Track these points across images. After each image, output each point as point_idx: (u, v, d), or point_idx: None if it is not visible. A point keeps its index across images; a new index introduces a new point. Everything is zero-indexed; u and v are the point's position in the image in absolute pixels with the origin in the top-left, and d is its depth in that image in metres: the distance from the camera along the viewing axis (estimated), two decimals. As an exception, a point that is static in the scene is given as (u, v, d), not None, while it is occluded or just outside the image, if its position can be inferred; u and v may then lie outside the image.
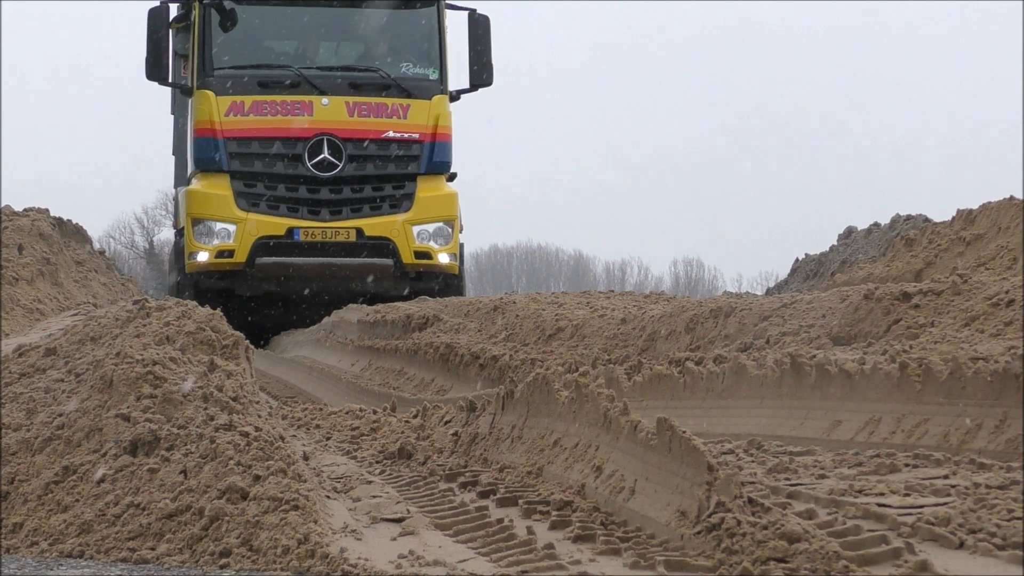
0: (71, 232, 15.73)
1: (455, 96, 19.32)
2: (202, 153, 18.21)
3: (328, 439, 5.75)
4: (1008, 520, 3.01)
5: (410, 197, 18.36)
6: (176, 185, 22.56)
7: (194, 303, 5.10)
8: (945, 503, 3.29)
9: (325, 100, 18.81)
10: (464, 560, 3.15)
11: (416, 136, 18.79)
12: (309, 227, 17.79)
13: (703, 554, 2.88)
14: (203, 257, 17.62)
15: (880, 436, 4.40)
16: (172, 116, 23.67)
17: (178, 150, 22.47)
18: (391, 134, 18.73)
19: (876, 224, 15.22)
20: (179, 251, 18.61)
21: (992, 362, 4.25)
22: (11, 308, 12.22)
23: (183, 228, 18.58)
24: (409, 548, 3.24)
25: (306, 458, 4.40)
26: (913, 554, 2.78)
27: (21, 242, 13.81)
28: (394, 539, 3.42)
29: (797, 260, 17.03)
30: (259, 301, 18.35)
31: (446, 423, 5.50)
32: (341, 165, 18.11)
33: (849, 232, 16.02)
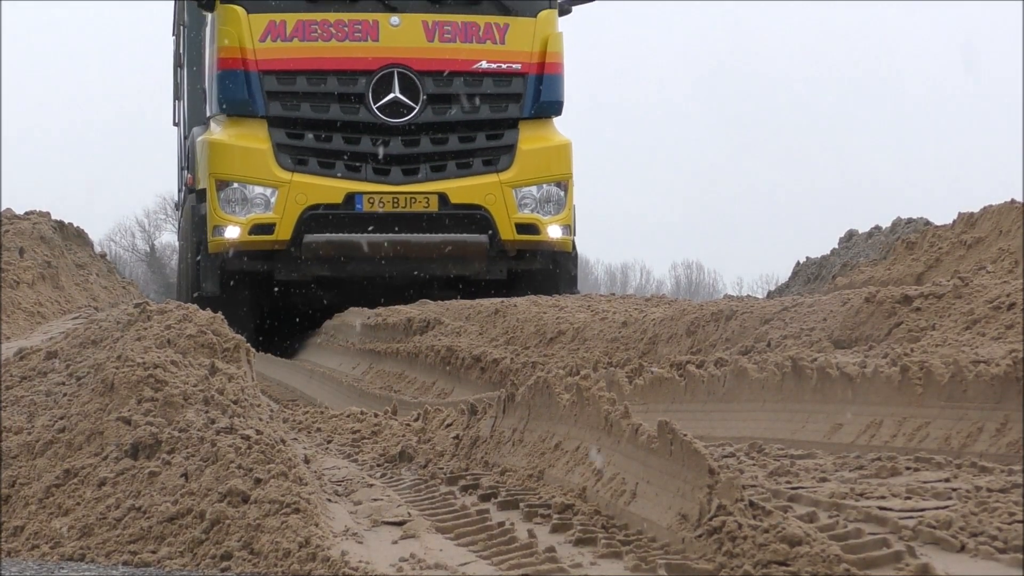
0: (72, 235, 15.72)
1: (565, 8, 14.78)
2: (229, 92, 13.81)
3: (329, 442, 5.74)
4: (1009, 523, 3.01)
5: (510, 150, 14.06)
6: (187, 124, 17.10)
7: (194, 306, 5.03)
8: (946, 506, 3.29)
9: (395, 19, 14.09)
10: (465, 563, 3.15)
11: (517, 67, 14.30)
12: (375, 193, 13.62)
13: (704, 557, 2.88)
14: (233, 233, 13.52)
15: (881, 439, 4.39)
16: (173, 37, 19.10)
17: (189, 77, 17.20)
18: (484, 65, 14.20)
19: (877, 227, 15.22)
20: (198, 221, 14.08)
21: (993, 365, 4.24)
22: (12, 311, 12.21)
23: (203, 190, 13.98)
24: (410, 551, 3.24)
25: (307, 461, 4.40)
26: (914, 557, 2.78)
27: (22, 245, 13.81)
28: (395, 542, 3.42)
29: (798, 263, 17.03)
30: (305, 289, 14.34)
31: (447, 426, 5.50)
32: (417, 108, 13.82)
33: (850, 235, 16.02)
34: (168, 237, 53.33)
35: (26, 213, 15.14)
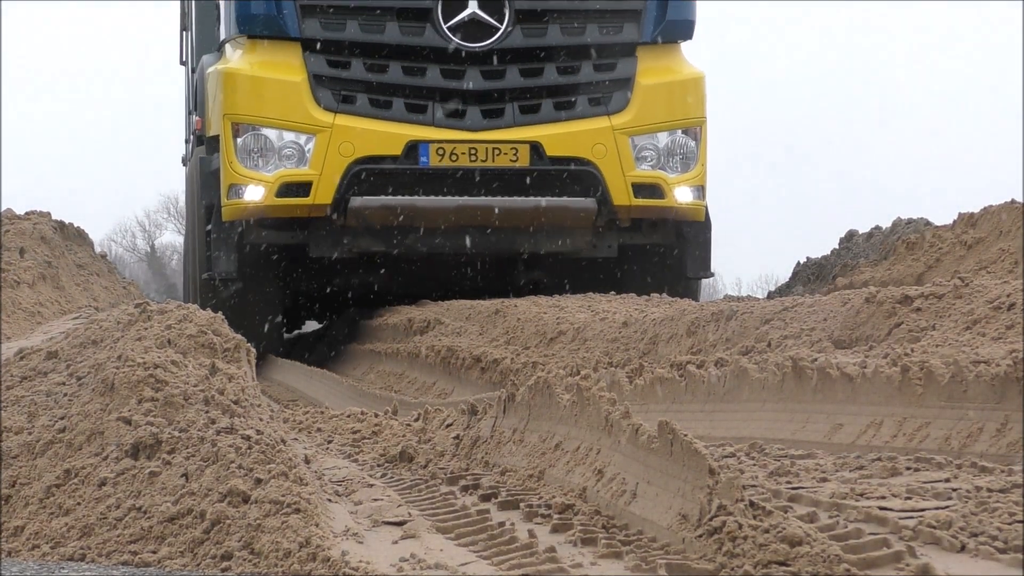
0: (72, 235, 15.72)
1: None
2: (250, 5, 10.72)
3: (329, 442, 5.74)
4: (1009, 523, 3.01)
5: (625, 86, 10.92)
6: (195, 57, 13.16)
7: (194, 306, 4.99)
8: (946, 506, 3.29)
9: None
10: (465, 563, 3.15)
11: None
12: (446, 142, 10.57)
13: (704, 557, 2.88)
14: (255, 194, 10.54)
15: (881, 439, 4.40)
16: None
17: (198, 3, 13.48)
18: None
19: (877, 228, 15.21)
20: (208, 178, 11.07)
21: (993, 365, 4.25)
22: (12, 311, 12.21)
23: (214, 137, 11.01)
24: (410, 551, 3.24)
25: (307, 461, 4.40)
26: (914, 557, 2.78)
27: (22, 245, 13.81)
28: (395, 542, 3.42)
29: (798, 264, 17.02)
30: (349, 270, 11.61)
31: (447, 426, 5.50)
32: (502, 29, 10.66)
33: (850, 236, 16.00)
34: (169, 237, 53.31)
35: (26, 213, 15.14)
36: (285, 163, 10.74)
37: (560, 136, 10.92)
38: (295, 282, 12.05)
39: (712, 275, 11.83)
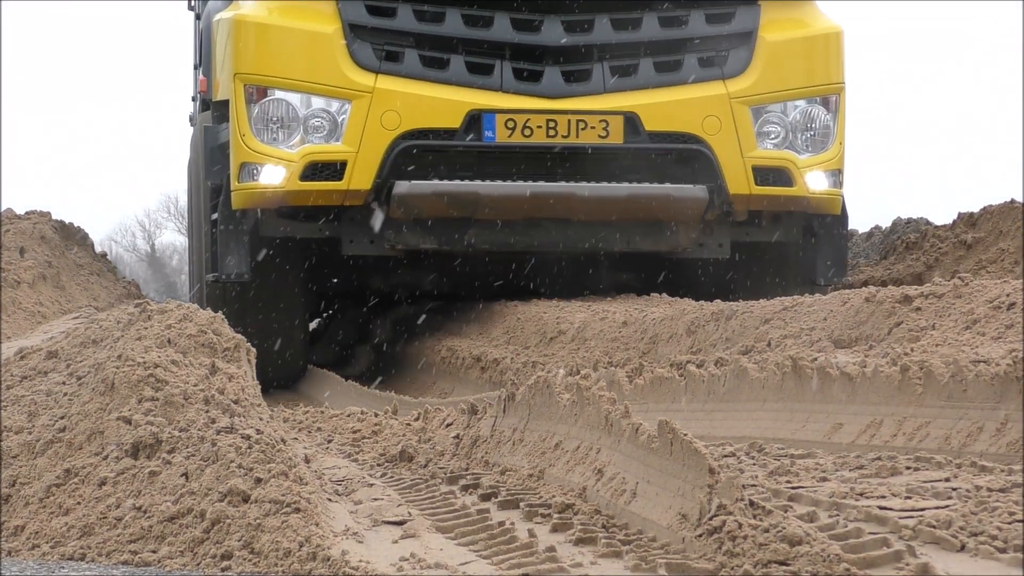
0: (73, 235, 15.72)
1: None
2: None
3: (329, 442, 5.75)
4: (1009, 523, 3.01)
5: (745, 42, 8.79)
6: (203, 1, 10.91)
7: (194, 305, 4.95)
8: (946, 506, 3.29)
9: None
10: (465, 563, 3.15)
11: None
12: (517, 111, 8.48)
13: (704, 557, 2.88)
14: (274, 176, 8.48)
15: (881, 439, 4.40)
16: None
17: None
18: None
19: (877, 227, 15.22)
20: (214, 154, 9.10)
21: (993, 365, 4.25)
22: (12, 311, 12.22)
23: (223, 102, 8.98)
24: (410, 551, 3.25)
25: (307, 461, 4.40)
26: (914, 557, 2.78)
27: (23, 245, 13.82)
28: (395, 542, 3.42)
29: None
30: (392, 272, 9.75)
31: (447, 426, 5.50)
32: None
33: (850, 235, 16.01)
34: (169, 237, 53.33)
35: (26, 213, 15.15)
36: (312, 137, 8.56)
37: (662, 106, 8.68)
38: (322, 285, 10.09)
39: (846, 278, 9.74)
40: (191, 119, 14.15)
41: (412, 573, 3.07)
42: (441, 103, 8.62)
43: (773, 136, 8.92)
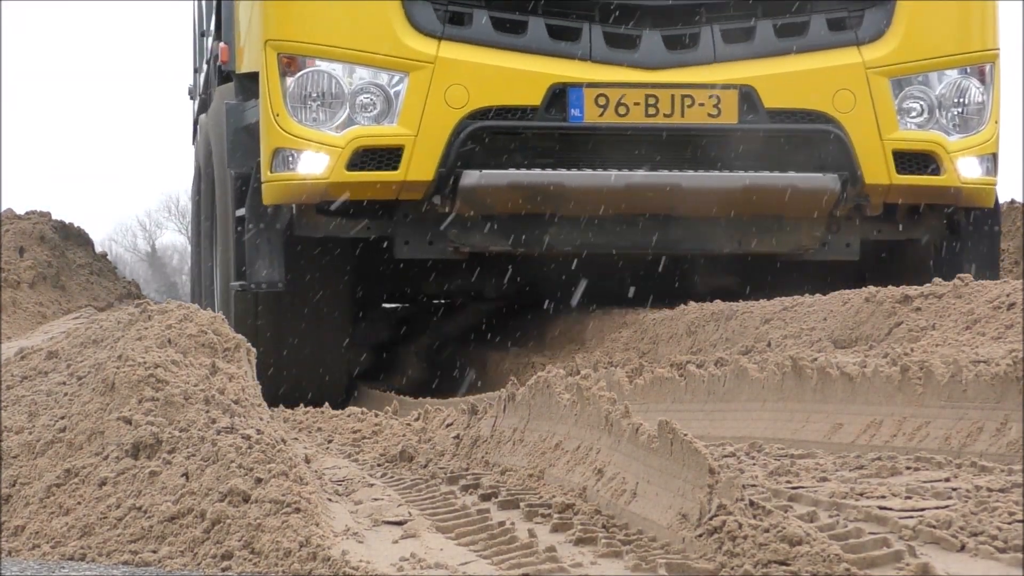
0: (73, 235, 15.71)
1: None
2: None
3: (329, 442, 5.75)
4: (1009, 523, 3.02)
5: (881, 6, 7.42)
6: None
7: (195, 306, 4.90)
8: (946, 506, 3.29)
9: None
10: (466, 563, 3.15)
11: None
12: (610, 85, 7.18)
13: (704, 557, 2.88)
14: (315, 164, 7.16)
15: (881, 439, 4.40)
16: None
17: None
18: None
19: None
20: (239, 137, 7.72)
21: (993, 365, 4.25)
22: (13, 311, 12.23)
23: (249, 75, 7.68)
24: (411, 551, 3.25)
25: (308, 461, 4.40)
26: (914, 557, 2.78)
27: (22, 245, 13.82)
28: (395, 542, 3.42)
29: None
30: (455, 278, 8.40)
31: (448, 426, 5.51)
32: None
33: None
34: (170, 237, 53.36)
35: (26, 213, 15.15)
36: (361, 117, 7.16)
37: (785, 78, 7.31)
38: (368, 292, 8.66)
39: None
40: (190, 92, 13.14)
41: (412, 573, 3.07)
42: (517, 75, 7.19)
43: (916, 114, 7.44)
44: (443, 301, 9.40)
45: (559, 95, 7.25)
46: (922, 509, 3.29)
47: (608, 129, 7.30)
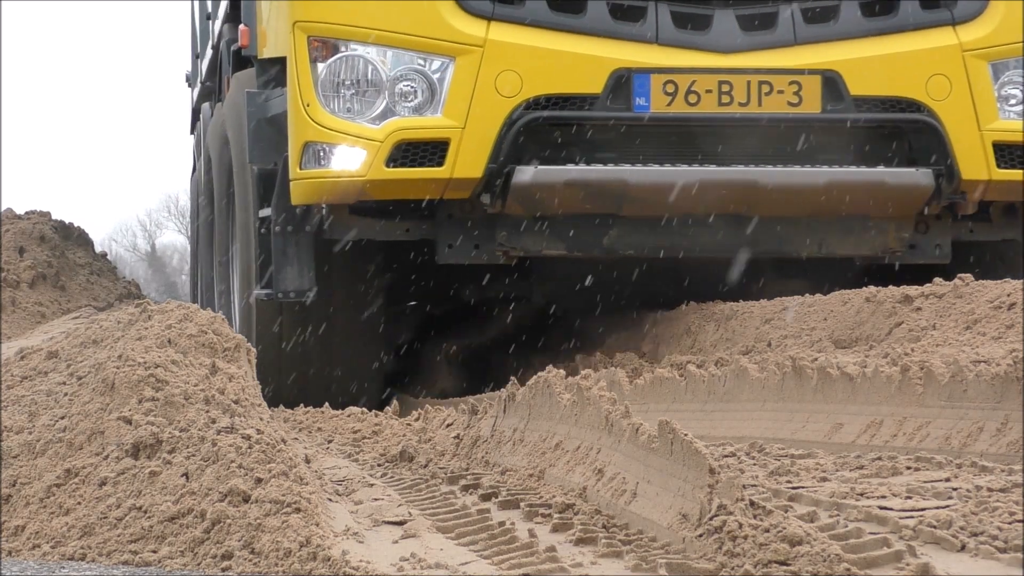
0: (73, 235, 15.73)
1: None
2: None
3: (330, 442, 5.75)
4: (1010, 523, 3.02)
5: None
6: None
7: (195, 305, 4.88)
8: (947, 506, 3.30)
9: None
10: (466, 563, 3.15)
11: None
12: (679, 71, 6.59)
13: (704, 557, 2.88)
14: (351, 159, 6.57)
15: (882, 439, 4.40)
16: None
17: None
18: None
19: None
20: (262, 129, 7.00)
21: (993, 365, 4.25)
22: (12, 311, 12.24)
23: (274, 61, 7.09)
24: (411, 551, 3.25)
25: (308, 461, 4.40)
26: (915, 557, 2.78)
27: (22, 245, 13.84)
28: (396, 542, 3.42)
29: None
30: (503, 285, 7.64)
31: (448, 426, 5.51)
32: None
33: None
34: (170, 237, 53.39)
35: (26, 213, 15.17)
36: (402, 107, 6.55)
37: (873, 62, 6.68)
38: (406, 297, 8.09)
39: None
40: (187, 79, 12.62)
41: (412, 573, 3.07)
42: (576, 60, 6.53)
43: (1017, 101, 6.74)
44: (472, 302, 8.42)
45: (623, 82, 6.60)
46: (922, 509, 3.29)
47: (677, 120, 6.66)
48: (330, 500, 3.91)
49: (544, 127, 6.64)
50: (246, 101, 7.17)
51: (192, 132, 13.80)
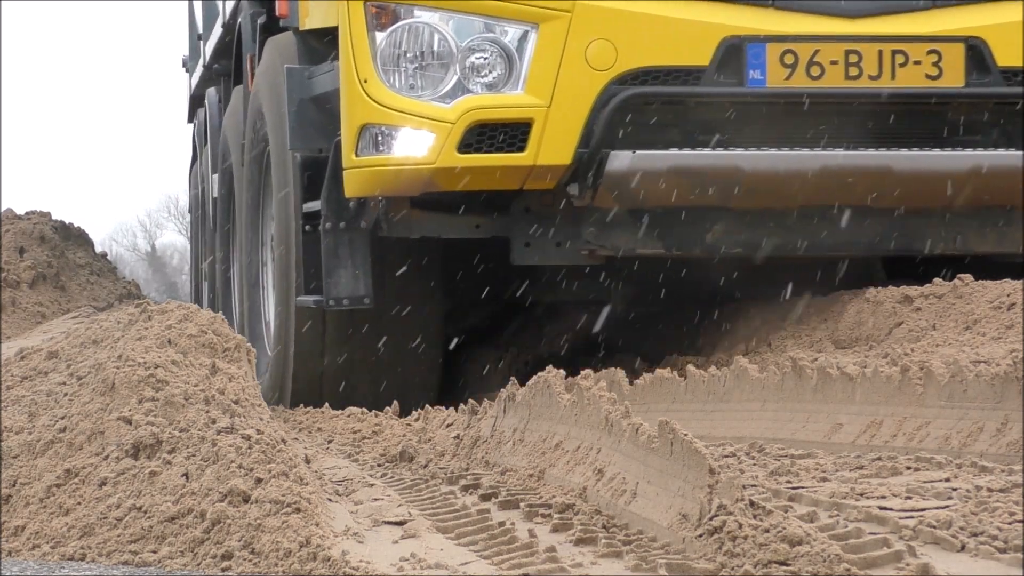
0: (73, 235, 15.72)
1: None
2: None
3: (329, 442, 5.75)
4: (1009, 523, 3.02)
5: None
6: None
7: (195, 306, 4.81)
8: (947, 506, 3.30)
9: None
10: (466, 563, 3.15)
11: None
12: (798, 39, 5.69)
13: (704, 557, 2.89)
14: (416, 144, 5.68)
15: (881, 439, 4.40)
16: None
17: None
18: None
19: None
20: (305, 110, 6.31)
21: (993, 365, 4.25)
22: (12, 311, 12.24)
23: (323, 31, 6.36)
24: (411, 551, 3.25)
25: (308, 461, 4.40)
26: (915, 557, 2.78)
27: (22, 245, 13.84)
28: (396, 542, 3.42)
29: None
30: (588, 291, 6.81)
31: (448, 426, 5.51)
32: None
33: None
34: (170, 237, 53.39)
35: (26, 213, 15.17)
36: (476, 83, 5.71)
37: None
38: (469, 299, 7.10)
39: None
40: (185, 64, 12.13)
41: (412, 573, 3.07)
42: (680, 27, 5.72)
43: None
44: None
45: (734, 52, 5.72)
46: (922, 509, 3.29)
47: (797, 96, 5.79)
48: (330, 500, 3.91)
49: (640, 106, 5.76)
50: (286, 79, 6.40)
51: (190, 121, 13.27)
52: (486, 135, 5.70)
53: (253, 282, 7.65)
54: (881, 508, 3.29)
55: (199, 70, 11.46)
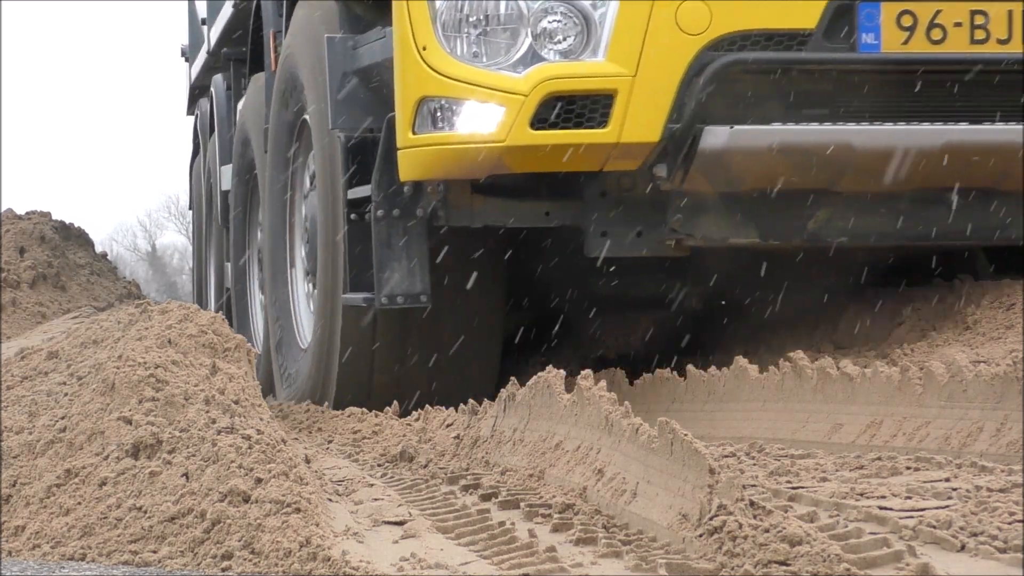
0: (73, 235, 15.72)
1: None
2: None
3: (330, 442, 5.75)
4: (1009, 523, 3.02)
5: None
6: None
7: (195, 305, 4.69)
8: (946, 506, 3.30)
9: None
10: (466, 563, 3.15)
11: None
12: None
13: (704, 557, 2.89)
14: (484, 121, 4.92)
15: (881, 439, 4.40)
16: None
17: None
18: None
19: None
20: (351, 85, 5.65)
21: (993, 365, 4.25)
22: (13, 311, 12.25)
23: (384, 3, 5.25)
24: (411, 551, 3.25)
25: (308, 461, 4.41)
26: (915, 557, 2.79)
27: (23, 245, 13.84)
28: (396, 542, 3.42)
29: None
30: (672, 287, 6.28)
31: (448, 426, 5.50)
32: None
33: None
34: (170, 237, 53.38)
35: (26, 213, 15.17)
36: (550, 50, 5.06)
37: None
38: (528, 296, 6.57)
39: None
40: (184, 52, 11.82)
41: (412, 573, 3.07)
42: None
43: None
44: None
45: (843, 14, 5.07)
46: (922, 509, 3.29)
47: (917, 62, 5.11)
48: (330, 500, 3.91)
49: (737, 75, 5.08)
50: (327, 50, 5.78)
51: (190, 113, 12.87)
52: (563, 109, 5.03)
53: (279, 275, 7.15)
54: (881, 508, 3.29)
55: (202, 57, 10.92)
